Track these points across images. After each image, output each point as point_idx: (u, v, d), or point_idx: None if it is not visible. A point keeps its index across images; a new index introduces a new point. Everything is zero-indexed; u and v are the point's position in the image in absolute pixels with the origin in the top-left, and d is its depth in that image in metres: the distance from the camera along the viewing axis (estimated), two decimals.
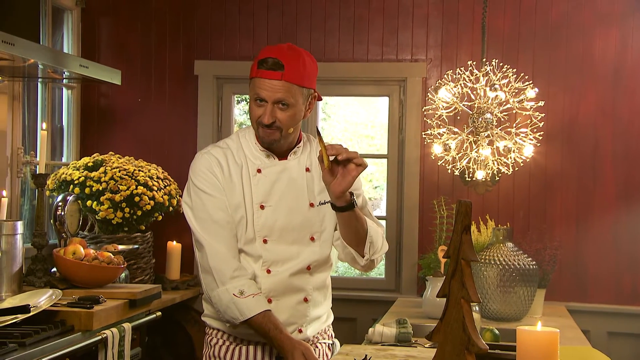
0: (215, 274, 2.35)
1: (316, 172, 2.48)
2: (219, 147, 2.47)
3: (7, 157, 3.93)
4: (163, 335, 4.39)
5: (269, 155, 2.45)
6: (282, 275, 2.41)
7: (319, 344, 2.55)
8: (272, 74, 2.31)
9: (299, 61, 2.35)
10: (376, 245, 2.39)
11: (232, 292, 2.32)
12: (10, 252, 2.97)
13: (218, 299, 2.35)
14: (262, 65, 2.33)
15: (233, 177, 2.41)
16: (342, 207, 2.27)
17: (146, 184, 4.00)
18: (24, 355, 2.43)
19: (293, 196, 2.43)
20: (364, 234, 2.36)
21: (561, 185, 4.38)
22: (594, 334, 4.23)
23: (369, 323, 4.13)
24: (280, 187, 2.43)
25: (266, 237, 2.40)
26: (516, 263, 3.64)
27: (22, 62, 3.32)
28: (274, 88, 2.31)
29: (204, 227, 2.39)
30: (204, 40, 4.66)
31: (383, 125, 4.95)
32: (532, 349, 1.82)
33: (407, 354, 2.54)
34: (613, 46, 4.34)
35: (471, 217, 1.87)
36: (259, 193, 2.41)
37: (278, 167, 2.45)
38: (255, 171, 2.43)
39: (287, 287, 2.42)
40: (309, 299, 2.46)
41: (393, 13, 4.52)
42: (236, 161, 2.43)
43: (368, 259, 2.39)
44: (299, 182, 2.45)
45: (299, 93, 2.35)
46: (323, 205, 2.46)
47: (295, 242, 2.43)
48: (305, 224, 2.44)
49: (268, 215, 2.40)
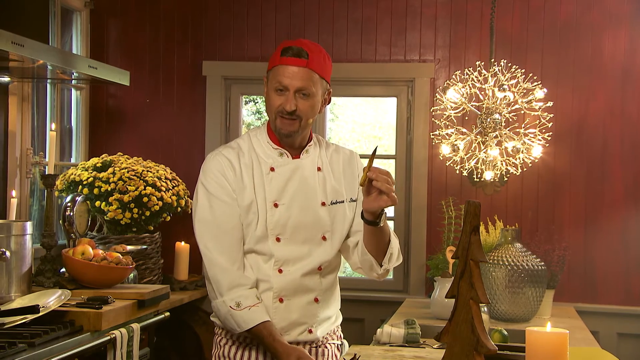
0: (214, 284, 2.38)
1: (327, 172, 2.49)
2: (230, 148, 2.47)
3: (17, 158, 3.95)
4: (171, 335, 4.40)
5: (282, 153, 2.45)
6: (294, 276, 2.41)
7: (328, 345, 2.55)
8: (296, 61, 2.34)
9: (321, 53, 2.40)
10: (394, 257, 2.42)
11: (229, 304, 2.33)
12: (19, 253, 2.98)
13: (217, 309, 2.39)
14: (286, 52, 2.35)
15: (244, 177, 2.41)
16: (368, 221, 2.29)
17: (154, 185, 4.01)
18: (33, 355, 2.44)
19: (305, 194, 2.44)
20: (386, 246, 2.38)
21: (570, 185, 4.37)
22: (603, 335, 4.22)
23: (377, 324, 4.13)
24: (293, 185, 2.43)
25: (279, 235, 2.40)
26: (525, 264, 3.63)
27: (31, 63, 3.33)
28: (298, 75, 2.33)
29: (205, 231, 2.39)
30: (212, 41, 4.67)
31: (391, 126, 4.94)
32: (541, 350, 1.82)
33: (416, 354, 2.54)
34: (622, 46, 4.33)
35: (480, 218, 1.87)
36: (273, 191, 2.41)
37: (291, 165, 2.45)
38: (269, 169, 2.43)
39: (298, 287, 2.42)
40: (320, 299, 2.46)
41: (401, 13, 4.52)
42: (248, 161, 2.43)
43: (385, 269, 2.42)
44: (311, 180, 2.46)
45: (319, 84, 2.39)
46: (334, 205, 2.47)
47: (307, 241, 2.43)
48: (318, 223, 2.44)
49: (282, 212, 2.41)
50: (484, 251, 1.97)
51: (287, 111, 2.35)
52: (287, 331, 2.42)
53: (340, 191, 2.50)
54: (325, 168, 2.50)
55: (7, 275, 2.94)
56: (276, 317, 2.40)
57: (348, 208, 2.50)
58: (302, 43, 2.38)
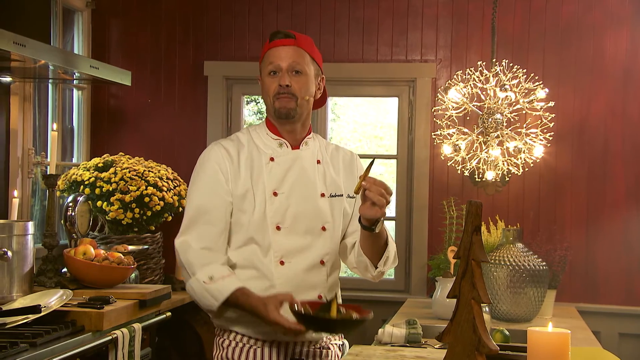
0: (187, 267, 2.38)
1: (327, 166, 2.53)
2: (229, 140, 2.53)
3: (18, 158, 3.95)
4: (173, 335, 4.40)
5: (281, 144, 2.49)
6: (296, 270, 2.42)
7: (330, 345, 2.55)
8: (285, 41, 2.45)
9: (308, 38, 2.51)
10: (389, 261, 2.44)
11: (202, 279, 2.33)
12: (21, 253, 2.98)
13: (192, 289, 2.37)
14: (274, 37, 2.47)
15: (242, 167, 2.44)
16: (364, 226, 2.31)
17: (156, 185, 4.01)
18: (35, 355, 2.44)
19: (305, 185, 2.46)
20: (382, 249, 2.40)
21: (571, 185, 4.37)
22: (604, 335, 4.21)
23: (379, 324, 4.12)
24: (293, 174, 2.46)
25: (279, 223, 2.41)
26: (526, 264, 3.63)
27: (32, 63, 3.33)
28: (288, 53, 2.43)
29: (188, 217, 2.42)
30: (213, 41, 4.67)
31: (392, 126, 4.94)
32: (543, 350, 1.82)
33: (417, 354, 2.54)
34: (623, 46, 4.33)
35: (481, 218, 1.87)
36: (272, 180, 2.44)
37: (291, 155, 2.48)
38: (268, 159, 2.46)
39: (301, 283, 2.43)
40: (323, 295, 2.47)
41: (402, 13, 4.52)
42: (247, 151, 2.47)
43: (379, 272, 2.44)
44: (310, 171, 2.49)
45: (310, 63, 2.47)
46: (334, 198, 2.50)
47: (308, 232, 2.44)
48: (317, 213, 2.45)
49: (281, 201, 2.42)
50: (486, 251, 1.97)
51: (281, 86, 2.41)
52: None
53: (339, 185, 2.53)
54: (325, 162, 2.53)
55: (9, 275, 2.94)
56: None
57: (347, 203, 2.52)
58: (289, 31, 2.50)
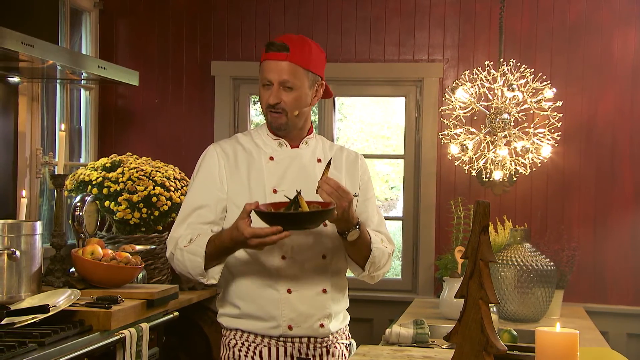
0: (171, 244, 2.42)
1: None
2: (227, 140, 2.57)
3: (26, 158, 3.96)
4: (180, 335, 4.40)
5: (281, 144, 2.51)
6: (299, 265, 2.43)
7: (337, 344, 2.55)
8: (277, 55, 2.40)
9: (305, 46, 2.44)
10: (377, 265, 2.46)
11: (183, 245, 2.37)
12: (29, 252, 2.99)
13: (179, 262, 2.39)
14: (269, 48, 2.43)
15: (240, 165, 2.47)
16: (338, 232, 2.36)
17: (163, 185, 4.02)
18: (43, 354, 2.45)
19: (305, 182, 2.46)
20: (365, 255, 2.43)
21: (579, 185, 4.35)
22: (612, 335, 4.20)
23: (386, 324, 4.12)
24: (292, 173, 2.48)
25: None
26: (534, 264, 3.62)
27: (41, 63, 3.34)
28: (279, 68, 2.39)
29: (181, 214, 2.46)
30: (220, 41, 4.67)
31: (399, 126, 4.94)
32: (551, 350, 1.81)
33: (425, 354, 2.54)
34: (632, 46, 4.31)
35: (489, 218, 1.86)
36: (272, 178, 2.46)
37: (290, 153, 2.51)
38: (268, 159, 2.48)
39: (304, 277, 2.44)
40: (328, 290, 2.47)
41: (410, 13, 4.51)
42: (246, 151, 2.50)
43: (367, 275, 2.48)
44: (310, 169, 2.50)
45: (305, 76, 2.43)
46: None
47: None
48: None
49: (282, 198, 2.42)
50: (493, 251, 1.97)
51: (270, 104, 2.42)
52: (297, 324, 2.43)
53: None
54: (326, 161, 2.51)
55: (17, 275, 2.95)
56: (285, 308, 2.42)
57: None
58: (287, 38, 2.44)
